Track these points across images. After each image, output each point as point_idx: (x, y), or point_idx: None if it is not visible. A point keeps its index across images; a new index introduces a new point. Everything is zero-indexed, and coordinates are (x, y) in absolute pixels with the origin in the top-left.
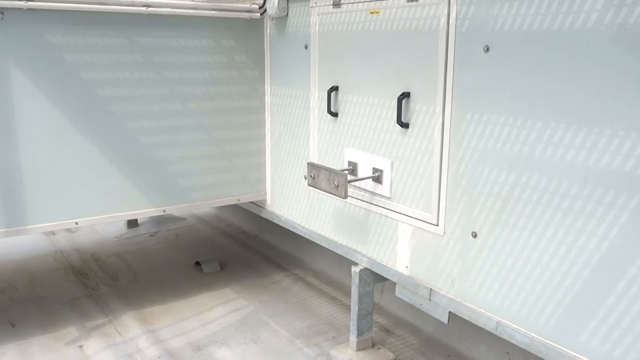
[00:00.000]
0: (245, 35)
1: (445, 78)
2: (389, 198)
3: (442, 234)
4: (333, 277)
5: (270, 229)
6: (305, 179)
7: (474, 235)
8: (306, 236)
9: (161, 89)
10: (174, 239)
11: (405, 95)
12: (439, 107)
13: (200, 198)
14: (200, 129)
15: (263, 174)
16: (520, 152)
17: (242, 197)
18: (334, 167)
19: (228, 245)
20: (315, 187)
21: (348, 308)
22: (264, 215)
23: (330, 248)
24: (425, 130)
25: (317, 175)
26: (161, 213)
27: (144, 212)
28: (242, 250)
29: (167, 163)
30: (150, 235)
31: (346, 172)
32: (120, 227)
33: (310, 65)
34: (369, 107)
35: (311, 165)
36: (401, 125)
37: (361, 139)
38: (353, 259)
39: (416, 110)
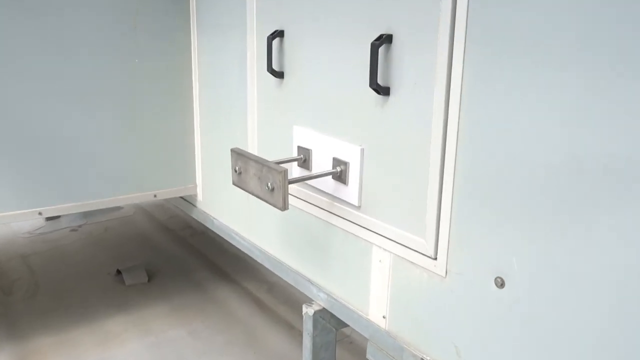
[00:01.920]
0: None
1: (454, 6)
2: (358, 207)
3: (444, 274)
4: (293, 294)
5: None
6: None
7: (500, 284)
8: (246, 251)
9: (40, 42)
10: (101, 235)
11: (385, 40)
12: (443, 58)
13: (96, 194)
14: (99, 98)
15: (191, 161)
16: (596, 135)
17: (161, 191)
18: (277, 155)
19: (166, 245)
20: (243, 188)
21: None
22: (194, 215)
23: (277, 272)
24: (417, 98)
25: (245, 169)
26: (36, 217)
27: (8, 215)
28: (183, 252)
29: (47, 146)
30: (72, 230)
31: (285, 168)
32: (37, 220)
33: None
34: (327, 63)
35: (236, 154)
36: (377, 91)
37: (317, 112)
38: (306, 293)
39: (403, 65)
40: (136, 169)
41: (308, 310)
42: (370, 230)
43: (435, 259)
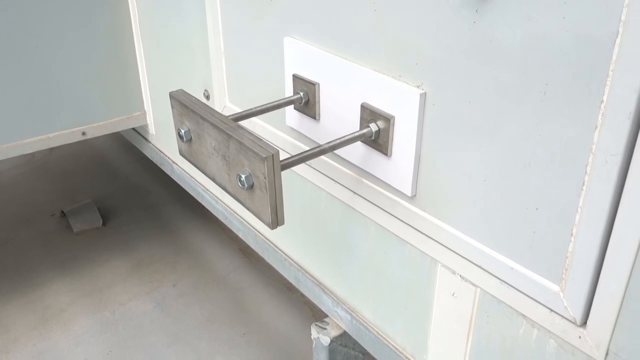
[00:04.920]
0: None
1: None
2: (411, 198)
3: (602, 358)
4: None
5: None
6: (206, 97)
7: None
8: (221, 218)
9: None
10: (45, 157)
11: None
12: None
13: None
14: None
15: (133, 78)
16: None
17: (93, 126)
18: (259, 89)
19: (127, 169)
20: (196, 166)
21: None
22: (147, 154)
23: (270, 260)
24: None
25: (198, 134)
26: None
27: None
28: (148, 178)
29: None
30: None
31: (274, 150)
32: None
33: None
34: None
35: (179, 104)
36: None
37: (327, 12)
38: (316, 303)
39: None
40: (47, 98)
41: (321, 337)
42: (435, 240)
43: (583, 325)
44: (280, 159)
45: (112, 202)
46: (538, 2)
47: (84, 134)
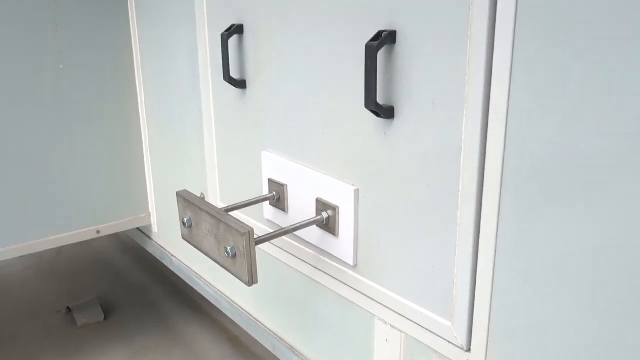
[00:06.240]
0: None
1: None
2: (353, 267)
3: None
4: None
5: None
6: (202, 198)
7: None
8: (212, 300)
9: None
10: (52, 260)
11: (386, 38)
12: (478, 61)
13: (7, 240)
14: (10, 111)
15: (141, 186)
16: None
17: (106, 226)
18: (244, 188)
19: (128, 269)
20: (195, 246)
21: None
22: (150, 250)
23: (251, 332)
24: (437, 123)
25: (196, 221)
26: None
27: None
28: (147, 277)
29: None
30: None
31: (249, 228)
32: None
33: None
34: (303, 69)
35: (183, 200)
36: (377, 113)
37: (291, 135)
38: None
39: (413, 75)
40: (68, 201)
41: None
42: (372, 299)
43: (469, 350)
44: (255, 237)
45: (114, 298)
46: (418, 129)
47: (98, 232)
